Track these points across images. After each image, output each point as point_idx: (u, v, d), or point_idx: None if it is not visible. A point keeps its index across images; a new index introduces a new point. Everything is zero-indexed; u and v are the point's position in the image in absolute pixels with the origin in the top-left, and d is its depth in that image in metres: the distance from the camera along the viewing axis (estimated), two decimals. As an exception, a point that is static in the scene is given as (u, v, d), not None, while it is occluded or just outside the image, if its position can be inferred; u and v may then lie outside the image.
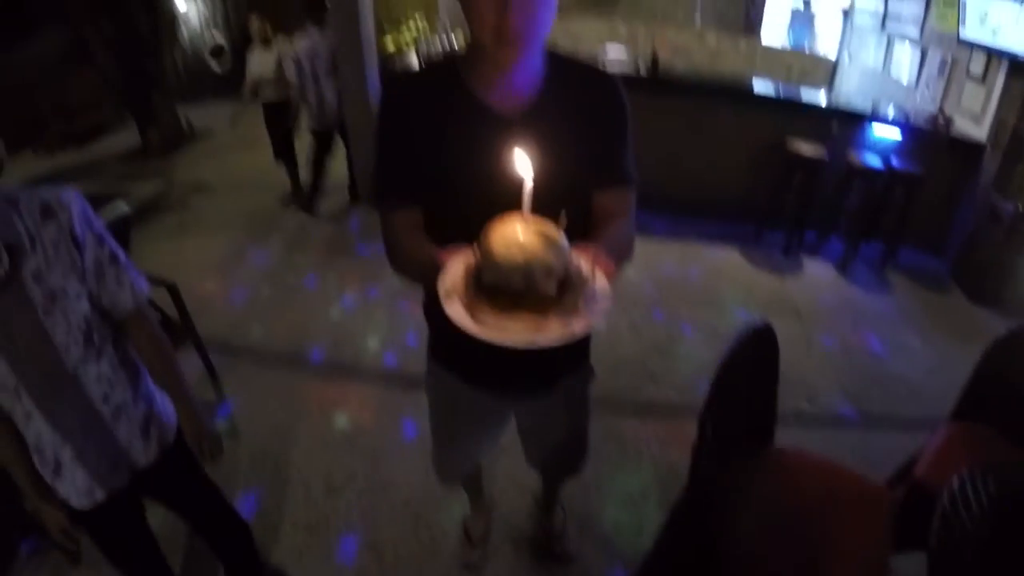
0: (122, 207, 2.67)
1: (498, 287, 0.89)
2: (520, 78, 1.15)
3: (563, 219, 0.93)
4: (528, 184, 0.89)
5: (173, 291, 2.91)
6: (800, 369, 3.33)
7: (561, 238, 0.91)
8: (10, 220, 1.12)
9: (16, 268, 1.13)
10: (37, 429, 1.26)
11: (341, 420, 2.85)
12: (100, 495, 1.38)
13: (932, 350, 3.64)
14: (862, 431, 2.97)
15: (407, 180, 1.20)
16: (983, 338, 2.00)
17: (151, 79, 6.67)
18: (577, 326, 0.88)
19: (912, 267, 4.63)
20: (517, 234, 0.88)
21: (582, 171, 1.21)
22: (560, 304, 0.90)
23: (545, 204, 0.92)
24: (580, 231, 1.19)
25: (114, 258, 1.28)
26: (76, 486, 1.34)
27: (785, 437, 2.78)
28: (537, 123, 1.14)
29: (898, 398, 3.22)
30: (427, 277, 1.07)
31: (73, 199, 1.20)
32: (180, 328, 2.95)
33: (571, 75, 1.21)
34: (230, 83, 9.48)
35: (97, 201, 2.60)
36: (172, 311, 2.94)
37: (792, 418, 2.96)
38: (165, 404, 1.50)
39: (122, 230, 2.68)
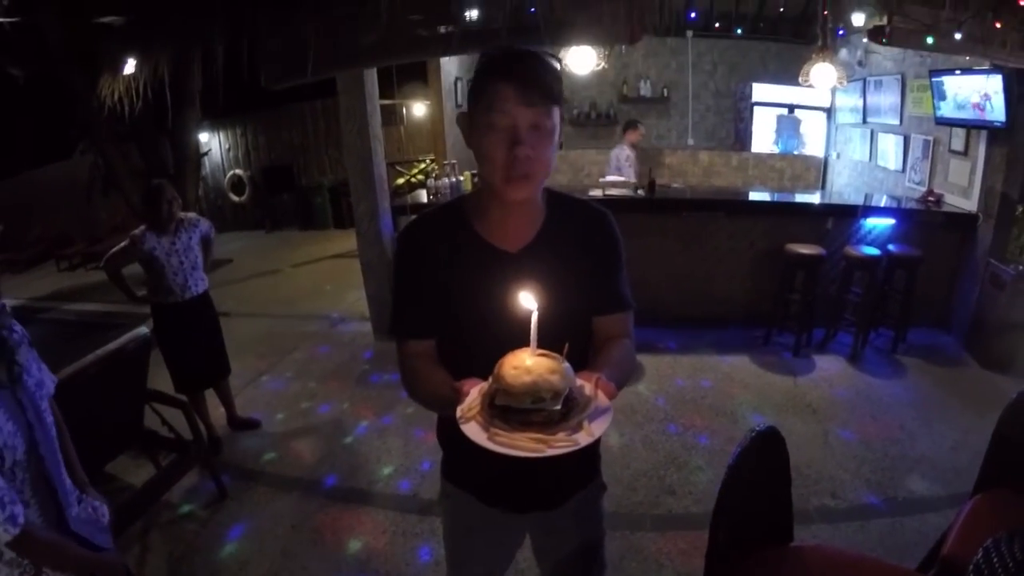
0: (142, 331, 2.80)
1: (510, 408, 1.00)
2: (523, 217, 1.29)
3: (566, 349, 1.06)
4: (535, 317, 1.01)
5: (185, 411, 2.98)
6: (821, 465, 3.25)
7: (565, 365, 1.03)
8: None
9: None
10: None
11: (354, 545, 2.79)
12: None
13: (953, 425, 3.57)
14: (890, 518, 2.86)
15: (421, 314, 1.32)
16: (1003, 404, 2.00)
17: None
18: (582, 439, 0.99)
19: (923, 347, 4.62)
20: (526, 362, 1.01)
21: (582, 300, 1.31)
22: (566, 422, 1.00)
23: (549, 331, 1.04)
24: (582, 353, 1.29)
25: None
26: None
27: (811, 535, 2.72)
28: (540, 257, 1.27)
29: (923, 479, 3.12)
30: (442, 404, 1.17)
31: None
32: (192, 448, 2.99)
33: (568, 211, 1.34)
34: (248, 214, 10.05)
35: (118, 323, 2.74)
36: (185, 431, 3.00)
37: (817, 515, 2.87)
38: None
39: (142, 353, 2.78)
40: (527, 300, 1.03)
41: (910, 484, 3.11)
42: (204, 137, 9.28)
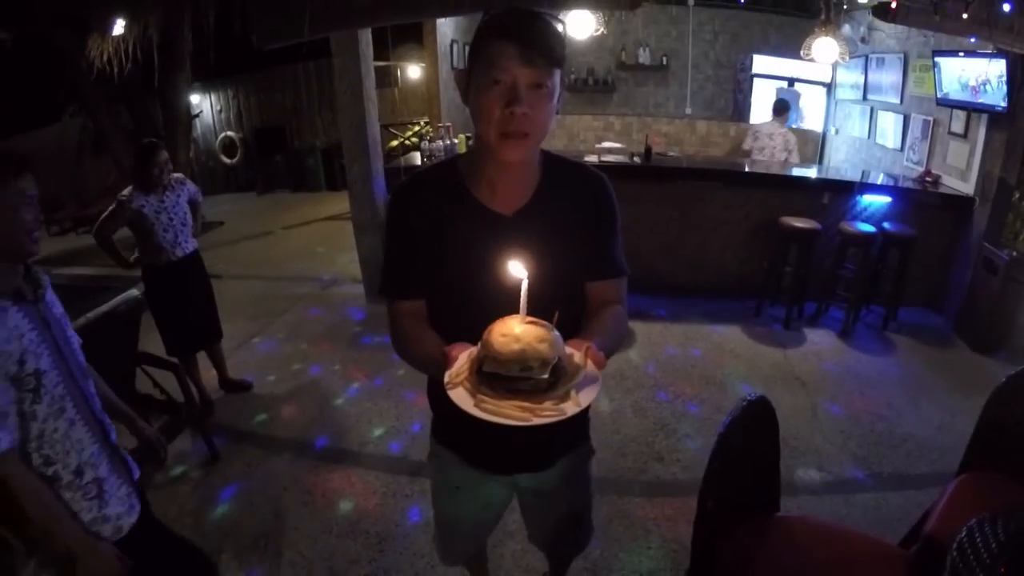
0: (133, 293, 2.77)
1: (498, 375, 0.99)
2: (518, 178, 1.26)
3: (556, 318, 1.04)
4: (525, 285, 1.00)
5: (177, 373, 2.98)
6: (808, 438, 3.29)
7: (555, 333, 1.02)
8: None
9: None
10: (80, 440, 1.40)
11: (345, 506, 2.82)
12: (137, 505, 1.53)
13: (940, 405, 3.62)
14: (875, 493, 2.91)
15: (413, 274, 1.30)
16: (990, 387, 2.02)
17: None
18: (569, 408, 0.99)
19: (913, 326, 4.66)
20: (515, 329, 1.00)
21: (575, 264, 1.30)
22: (554, 390, 1.00)
23: (540, 296, 1.02)
24: (574, 319, 1.29)
25: None
26: (121, 499, 1.50)
27: (797, 505, 2.76)
28: (534, 221, 1.25)
29: (909, 457, 3.17)
30: (432, 367, 1.18)
31: None
32: (184, 410, 2.99)
33: (564, 176, 1.32)
34: (240, 178, 9.96)
35: (109, 286, 2.71)
36: (177, 393, 3.00)
37: (802, 487, 2.91)
38: None
39: (134, 315, 2.77)
40: (517, 268, 1.01)
41: (895, 460, 3.15)
42: (195, 99, 9.15)
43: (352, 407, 3.62)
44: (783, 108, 6.36)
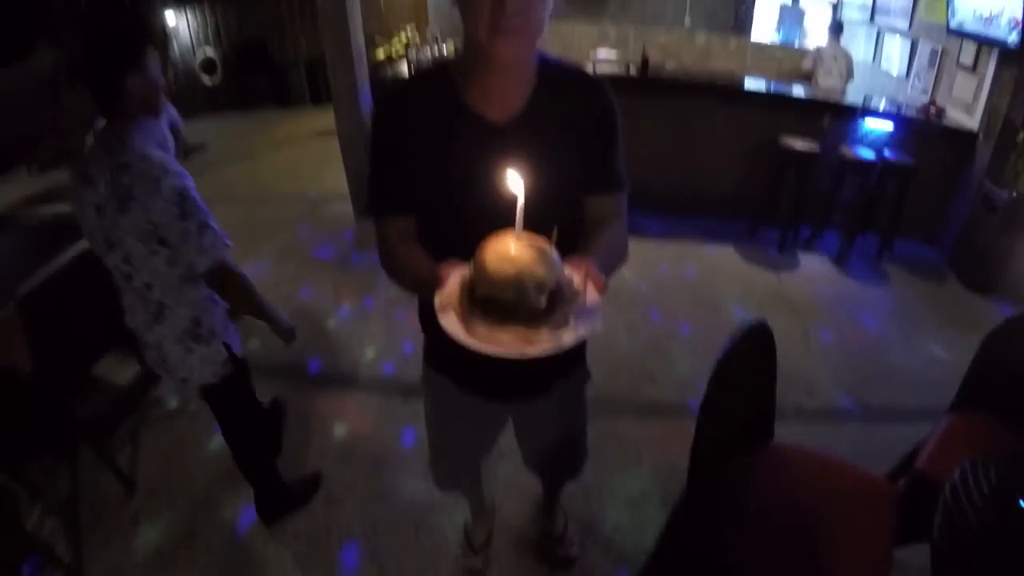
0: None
1: (491, 300, 0.91)
2: (511, 83, 1.15)
3: (554, 235, 0.95)
4: (520, 201, 0.89)
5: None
6: (798, 364, 3.33)
7: (553, 253, 0.92)
8: None
9: None
10: None
11: (339, 430, 2.84)
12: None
13: (931, 340, 3.64)
14: (863, 424, 2.96)
15: (400, 189, 1.21)
16: (982, 326, 2.00)
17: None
18: (566, 338, 0.91)
19: (908, 258, 4.64)
20: (509, 249, 0.91)
21: (574, 177, 1.21)
22: (551, 317, 0.92)
23: (538, 209, 0.92)
24: (572, 235, 1.21)
25: None
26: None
27: (785, 432, 2.77)
28: (529, 130, 1.15)
29: (899, 389, 3.20)
30: (422, 288, 1.09)
31: None
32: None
33: (561, 82, 1.20)
34: (221, 97, 9.57)
35: None
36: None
37: (792, 413, 2.96)
38: None
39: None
40: (513, 181, 0.90)
41: (884, 392, 3.19)
42: (170, 17, 8.63)
43: (344, 328, 3.60)
44: (841, 28, 6.28)
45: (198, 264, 1.70)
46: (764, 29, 8.20)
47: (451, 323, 0.92)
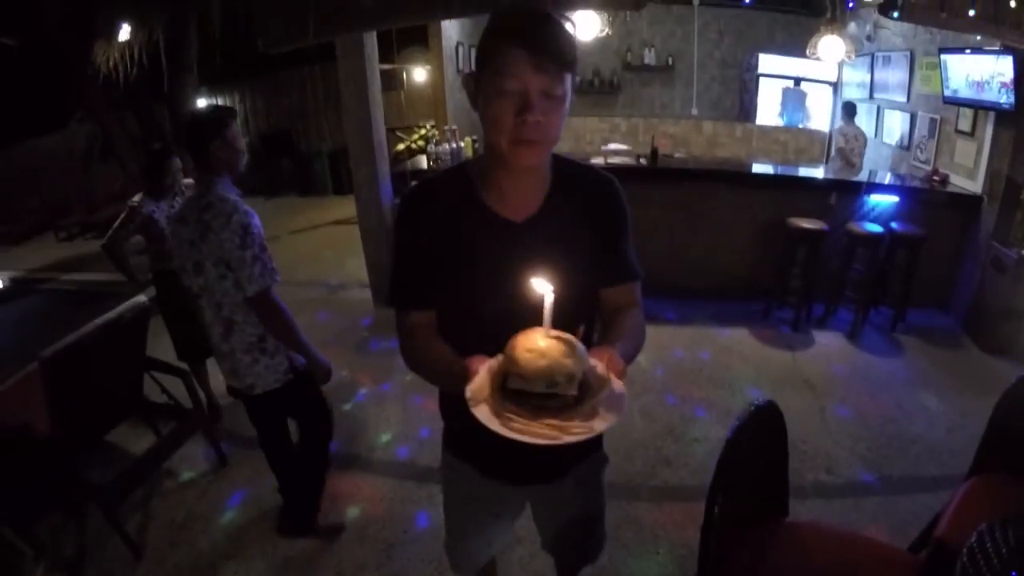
0: (140, 299, 2.79)
1: (523, 392, 0.97)
2: (529, 184, 1.23)
3: (581, 331, 1.03)
4: (550, 299, 0.96)
5: (185, 379, 3.00)
6: (817, 441, 3.27)
7: (579, 346, 0.99)
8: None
9: None
10: None
11: (353, 512, 2.82)
12: None
13: (950, 407, 3.59)
14: (884, 496, 2.89)
15: (422, 283, 1.27)
16: (1000, 388, 2.00)
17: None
18: (598, 425, 0.97)
19: (922, 327, 4.62)
20: (539, 343, 0.97)
21: (590, 270, 1.27)
22: (581, 406, 0.97)
23: (558, 304, 0.99)
24: (589, 328, 1.27)
25: None
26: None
27: (806, 509, 2.75)
28: (546, 228, 1.22)
29: (919, 460, 3.15)
30: (447, 381, 1.15)
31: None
32: (192, 416, 3.01)
33: (574, 178, 1.28)
34: (246, 183, 10.01)
35: (118, 292, 2.75)
36: (184, 399, 3.01)
37: (812, 490, 2.89)
38: None
39: (141, 321, 2.77)
40: (540, 284, 0.97)
41: (905, 463, 3.13)
42: (202, 104, 9.18)
43: (360, 412, 3.63)
44: (854, 110, 6.50)
45: (247, 289, 2.09)
46: (768, 113, 8.49)
47: (485, 415, 0.96)
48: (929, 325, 4.66)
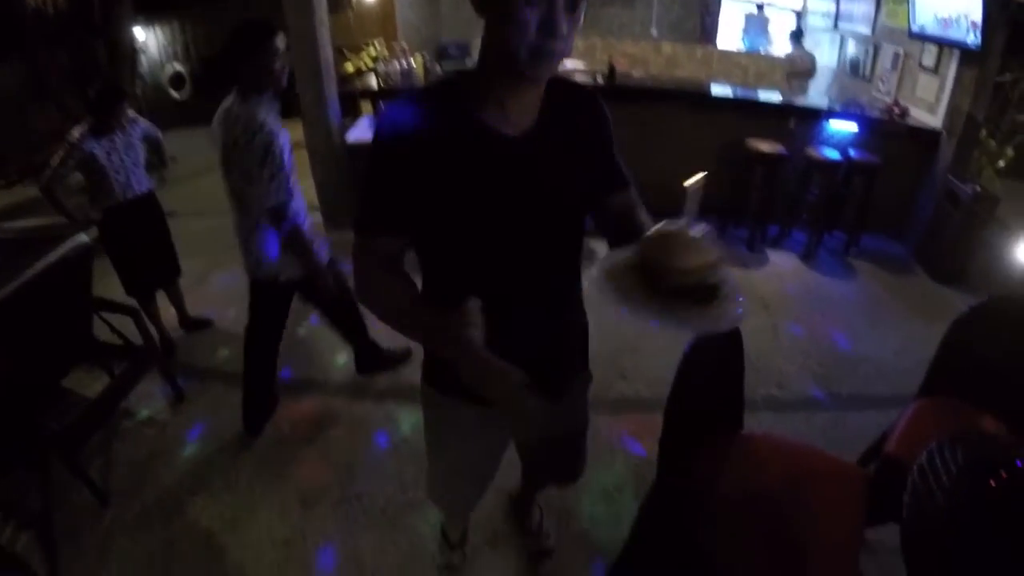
0: (82, 238, 2.63)
1: (679, 288, 1.02)
2: (532, 99, 1.16)
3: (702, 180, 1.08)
4: (695, 188, 0.97)
5: (135, 316, 2.88)
6: (769, 357, 3.37)
7: (705, 232, 1.05)
8: None
9: None
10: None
11: (313, 435, 2.82)
12: None
13: (899, 331, 3.71)
14: (833, 412, 3.01)
15: (398, 208, 1.16)
16: (948, 316, 2.06)
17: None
18: (740, 311, 1.04)
19: (875, 252, 4.74)
20: (688, 239, 1.03)
21: (590, 181, 1.26)
22: (718, 295, 1.05)
23: (560, 215, 0.96)
24: (578, 243, 1.29)
25: None
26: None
27: (757, 422, 2.84)
28: (543, 142, 1.17)
29: (867, 379, 3.27)
30: (414, 320, 1.16)
31: None
32: (144, 353, 2.91)
33: (564, 94, 1.23)
34: (190, 111, 9.49)
35: (61, 235, 2.59)
36: (136, 337, 2.91)
37: (763, 404, 3.00)
38: None
39: (84, 261, 2.63)
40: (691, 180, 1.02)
41: (853, 382, 3.25)
42: (138, 33, 8.56)
43: (314, 336, 3.58)
44: (800, 34, 6.97)
45: (265, 202, 2.31)
46: (730, 38, 8.35)
47: (645, 314, 1.00)
48: (882, 251, 4.79)
